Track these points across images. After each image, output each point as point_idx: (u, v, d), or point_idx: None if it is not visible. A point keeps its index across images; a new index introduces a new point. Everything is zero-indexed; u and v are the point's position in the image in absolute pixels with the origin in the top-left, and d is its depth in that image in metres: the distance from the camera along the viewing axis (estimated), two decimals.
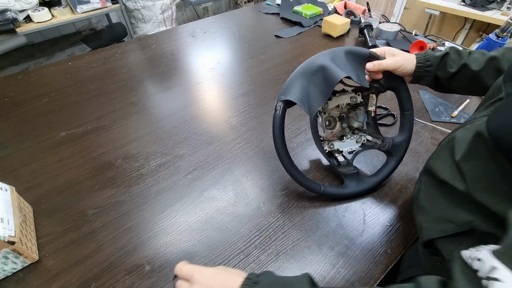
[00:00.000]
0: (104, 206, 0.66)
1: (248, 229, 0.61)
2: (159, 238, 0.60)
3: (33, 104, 0.95)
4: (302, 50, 1.24)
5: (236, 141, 0.81)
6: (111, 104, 0.95)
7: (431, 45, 1.16)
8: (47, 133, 0.84)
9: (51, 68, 1.13)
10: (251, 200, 0.67)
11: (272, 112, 0.58)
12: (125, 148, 0.79)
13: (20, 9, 1.82)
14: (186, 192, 0.69)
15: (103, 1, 2.07)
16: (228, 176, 0.72)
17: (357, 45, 1.27)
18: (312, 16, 1.48)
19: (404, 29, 1.33)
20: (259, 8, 1.63)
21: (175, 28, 1.44)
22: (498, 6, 2.00)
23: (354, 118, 0.69)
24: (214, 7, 3.05)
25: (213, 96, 1.00)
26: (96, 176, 0.72)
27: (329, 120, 0.69)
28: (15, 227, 0.52)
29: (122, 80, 1.06)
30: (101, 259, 0.57)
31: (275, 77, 1.07)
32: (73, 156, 0.77)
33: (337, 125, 0.69)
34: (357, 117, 0.69)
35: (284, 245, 0.59)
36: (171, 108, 0.93)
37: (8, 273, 0.54)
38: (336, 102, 0.67)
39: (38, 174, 0.73)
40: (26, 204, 0.62)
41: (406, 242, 0.59)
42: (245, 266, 0.56)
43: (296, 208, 0.65)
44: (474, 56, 0.56)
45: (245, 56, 1.20)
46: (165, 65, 1.15)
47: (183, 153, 0.78)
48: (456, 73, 0.56)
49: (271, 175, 0.72)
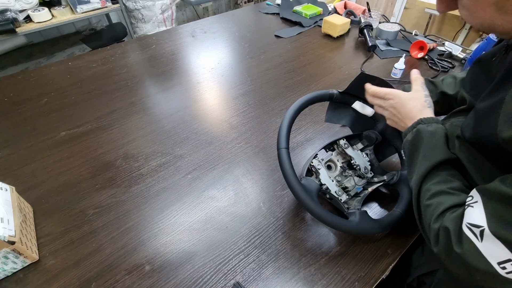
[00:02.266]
0: (104, 206, 0.66)
1: (248, 229, 0.61)
2: (159, 238, 0.60)
3: (33, 104, 0.95)
4: (302, 50, 1.24)
5: (236, 141, 0.81)
6: (111, 104, 0.95)
7: (431, 45, 1.16)
8: (47, 133, 0.84)
9: (51, 68, 1.13)
10: (251, 200, 0.67)
11: (272, 112, 0.58)
12: (125, 148, 0.79)
13: (20, 9, 1.82)
14: (186, 192, 0.69)
15: (103, 1, 2.07)
16: (228, 176, 0.72)
17: (357, 45, 1.27)
18: (312, 16, 1.48)
19: (404, 29, 1.33)
20: (259, 8, 1.63)
21: (175, 28, 1.44)
22: None
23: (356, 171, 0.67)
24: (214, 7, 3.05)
25: (213, 96, 1.00)
26: (96, 176, 0.72)
27: (328, 165, 0.67)
28: (15, 227, 0.52)
29: (122, 80, 1.06)
30: (101, 259, 0.57)
31: (275, 77, 1.07)
32: (73, 156, 0.77)
33: (337, 169, 0.67)
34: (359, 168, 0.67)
35: (284, 245, 0.59)
36: (171, 108, 0.93)
37: (8, 273, 0.54)
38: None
39: (38, 174, 0.73)
40: (26, 204, 0.62)
41: (406, 242, 0.59)
42: (245, 265, 0.56)
43: (296, 208, 0.65)
44: (446, 81, 0.63)
45: (245, 56, 1.20)
46: (165, 65, 1.15)
47: (183, 153, 0.78)
48: (437, 101, 0.62)
49: (271, 175, 0.72)
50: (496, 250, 0.34)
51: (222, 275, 0.54)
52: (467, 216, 0.37)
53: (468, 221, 0.37)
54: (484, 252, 0.35)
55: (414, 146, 0.49)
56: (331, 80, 1.05)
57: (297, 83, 1.04)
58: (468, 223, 0.36)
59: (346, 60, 1.16)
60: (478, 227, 0.35)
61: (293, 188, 0.53)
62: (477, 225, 0.35)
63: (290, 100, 0.95)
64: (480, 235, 0.35)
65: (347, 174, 0.67)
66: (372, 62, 1.16)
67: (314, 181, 0.58)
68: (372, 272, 0.55)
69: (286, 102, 0.95)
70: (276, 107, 0.93)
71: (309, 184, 0.57)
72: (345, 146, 0.67)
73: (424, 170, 0.46)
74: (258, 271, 0.55)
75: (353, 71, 1.10)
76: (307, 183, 0.57)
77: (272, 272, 0.55)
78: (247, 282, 0.54)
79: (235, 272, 0.55)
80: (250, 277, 0.54)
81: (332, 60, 1.17)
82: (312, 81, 1.05)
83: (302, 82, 1.04)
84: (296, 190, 0.53)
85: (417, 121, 0.49)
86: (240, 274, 0.55)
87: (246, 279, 0.54)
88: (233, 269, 0.55)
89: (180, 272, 0.55)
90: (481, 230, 0.35)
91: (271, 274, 0.55)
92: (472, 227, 0.36)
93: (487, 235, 0.34)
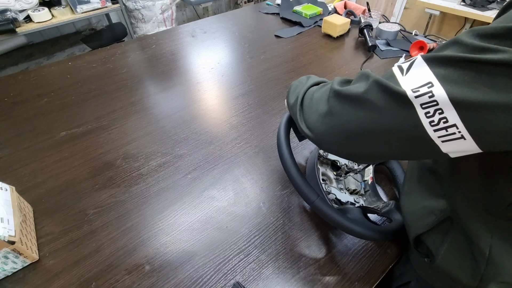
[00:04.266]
0: (104, 206, 0.66)
1: (248, 229, 0.61)
2: (159, 238, 0.60)
3: (33, 104, 0.95)
4: (302, 50, 1.24)
5: (236, 141, 0.81)
6: (111, 104, 0.95)
7: (431, 45, 1.16)
8: (47, 133, 0.84)
9: (51, 68, 1.13)
10: (251, 200, 0.67)
11: (272, 112, 0.58)
12: (125, 148, 0.79)
13: (20, 9, 1.82)
14: (186, 192, 0.69)
15: (103, 1, 2.07)
16: (228, 176, 0.72)
17: (357, 45, 1.27)
18: (312, 16, 1.48)
19: (404, 29, 1.33)
20: (259, 8, 1.63)
21: (175, 28, 1.44)
22: (498, 6, 2.00)
23: (351, 181, 0.67)
24: (214, 7, 3.05)
25: (213, 96, 1.00)
26: (96, 176, 0.72)
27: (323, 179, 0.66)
28: (15, 227, 0.52)
29: (122, 80, 1.06)
30: (101, 259, 0.57)
31: (275, 77, 1.07)
32: (73, 156, 0.77)
33: (333, 179, 0.67)
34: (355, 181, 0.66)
35: (284, 245, 0.59)
36: (171, 108, 0.93)
37: (8, 272, 0.54)
38: None
39: (38, 174, 0.73)
40: (26, 204, 0.62)
41: (405, 242, 0.59)
42: (245, 265, 0.56)
43: (296, 208, 0.65)
44: None
45: (245, 56, 1.20)
46: (165, 65, 1.15)
47: (183, 153, 0.78)
48: None
49: (271, 175, 0.72)
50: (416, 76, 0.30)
51: (222, 275, 0.54)
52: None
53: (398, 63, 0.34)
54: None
55: (294, 88, 0.53)
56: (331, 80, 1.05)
57: None
58: (397, 65, 0.34)
59: (346, 60, 1.16)
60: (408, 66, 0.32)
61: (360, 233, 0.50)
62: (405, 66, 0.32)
63: None
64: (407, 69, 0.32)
65: (343, 178, 0.67)
66: (372, 62, 1.16)
67: (356, 209, 0.56)
68: (372, 272, 0.55)
69: None
70: (276, 107, 0.93)
71: (355, 216, 0.54)
72: (325, 154, 0.67)
73: (303, 91, 0.48)
74: (258, 271, 0.55)
75: (353, 71, 1.10)
76: (352, 216, 0.54)
77: (272, 272, 0.55)
78: (247, 282, 0.54)
79: (235, 272, 0.55)
80: (250, 277, 0.54)
81: (332, 60, 1.17)
82: None
83: None
84: (366, 234, 0.50)
85: None
86: (240, 274, 0.55)
87: (246, 279, 0.54)
88: (233, 269, 0.55)
89: (180, 272, 0.55)
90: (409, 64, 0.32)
91: (271, 274, 0.55)
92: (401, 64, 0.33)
93: (418, 63, 0.31)
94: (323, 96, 0.43)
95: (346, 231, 0.52)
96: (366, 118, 0.34)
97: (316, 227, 0.62)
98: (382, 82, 0.33)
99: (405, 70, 0.32)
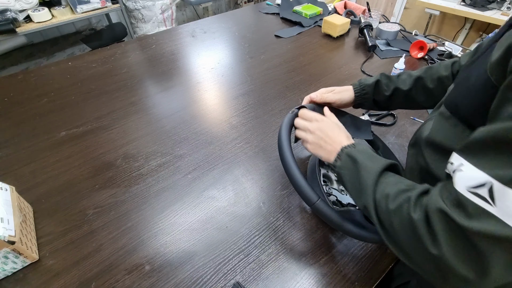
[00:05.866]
0: (104, 206, 0.66)
1: (248, 229, 0.61)
2: (159, 238, 0.60)
3: (33, 104, 0.95)
4: (302, 50, 1.24)
5: (236, 141, 0.81)
6: (111, 104, 0.95)
7: (431, 45, 1.16)
8: (47, 133, 0.84)
9: (51, 68, 1.13)
10: (251, 200, 0.67)
11: (272, 112, 0.58)
12: (125, 148, 0.79)
13: (20, 9, 1.81)
14: (186, 192, 0.69)
15: (103, 1, 2.07)
16: (228, 176, 0.72)
17: (357, 45, 1.27)
18: (312, 16, 1.48)
19: (404, 29, 1.33)
20: (259, 8, 1.63)
21: (175, 28, 1.44)
22: (498, 6, 2.00)
23: None
24: (214, 7, 3.05)
25: (213, 96, 1.00)
26: (96, 176, 0.72)
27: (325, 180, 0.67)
28: (15, 227, 0.52)
29: (122, 80, 1.06)
30: (101, 259, 0.57)
31: (275, 77, 1.07)
32: (73, 156, 0.77)
33: (334, 184, 0.67)
34: None
35: (284, 245, 0.59)
36: (171, 108, 0.93)
37: (8, 272, 0.54)
38: None
39: (38, 174, 0.73)
40: (26, 204, 0.62)
41: None
42: (245, 265, 0.56)
43: (296, 208, 0.65)
44: (402, 78, 0.65)
45: (245, 56, 1.20)
46: (165, 65, 1.15)
47: (183, 153, 0.78)
48: (391, 95, 0.64)
49: (271, 175, 0.72)
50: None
51: (222, 275, 0.54)
52: (462, 181, 0.30)
53: (468, 184, 0.29)
54: (502, 216, 0.27)
55: (351, 168, 0.46)
56: (331, 80, 1.06)
57: (297, 83, 1.04)
58: (468, 186, 0.29)
59: (346, 60, 1.16)
60: (483, 185, 0.28)
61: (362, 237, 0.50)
62: (481, 184, 0.28)
63: (290, 100, 0.95)
64: (490, 196, 0.28)
65: None
66: (372, 62, 1.16)
67: (356, 211, 0.56)
68: (372, 272, 0.55)
69: (286, 102, 0.95)
70: (276, 107, 0.93)
71: (355, 218, 0.54)
72: None
73: (372, 181, 0.42)
74: (258, 271, 0.55)
75: (353, 71, 1.10)
76: (353, 218, 0.53)
77: (272, 272, 0.55)
78: (247, 282, 0.54)
79: (235, 272, 0.55)
80: (250, 277, 0.54)
81: (332, 60, 1.17)
82: (312, 81, 1.05)
83: (302, 82, 1.04)
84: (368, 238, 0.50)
85: (344, 147, 0.49)
86: (240, 274, 0.55)
87: (246, 279, 0.54)
88: (233, 269, 0.55)
89: (180, 272, 0.55)
90: (489, 188, 0.27)
91: (271, 274, 0.55)
92: (476, 190, 0.29)
93: (498, 190, 0.27)
94: None
95: (347, 234, 0.52)
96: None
97: (316, 227, 0.62)
98: None
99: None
